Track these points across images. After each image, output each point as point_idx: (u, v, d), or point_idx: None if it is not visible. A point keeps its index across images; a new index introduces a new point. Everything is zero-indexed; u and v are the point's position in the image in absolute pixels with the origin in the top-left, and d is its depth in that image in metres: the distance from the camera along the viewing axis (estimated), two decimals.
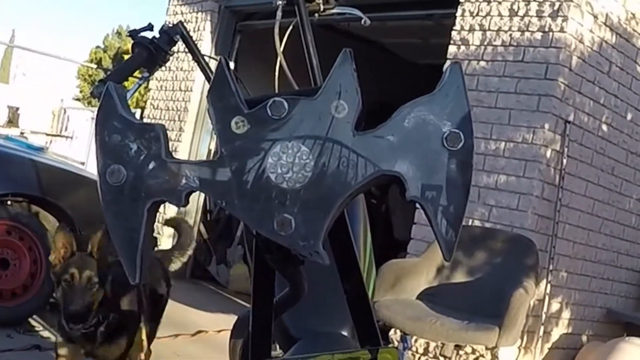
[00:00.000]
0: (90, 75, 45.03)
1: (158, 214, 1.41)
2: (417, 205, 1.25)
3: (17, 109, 19.63)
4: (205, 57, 2.60)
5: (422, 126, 1.25)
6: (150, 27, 2.69)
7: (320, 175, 1.22)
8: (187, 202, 1.28)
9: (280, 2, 2.33)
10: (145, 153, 1.26)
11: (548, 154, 5.92)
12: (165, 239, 8.42)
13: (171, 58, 2.63)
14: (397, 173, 1.24)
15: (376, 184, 1.29)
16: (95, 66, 39.58)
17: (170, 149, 1.28)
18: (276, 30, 2.28)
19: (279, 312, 1.61)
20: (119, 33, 47.32)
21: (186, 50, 2.64)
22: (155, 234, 8.34)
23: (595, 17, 6.21)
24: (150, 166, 1.25)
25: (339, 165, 1.23)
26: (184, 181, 1.25)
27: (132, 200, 1.26)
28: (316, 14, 2.41)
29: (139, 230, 1.26)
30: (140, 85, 2.61)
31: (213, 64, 1.66)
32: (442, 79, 1.30)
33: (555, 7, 5.99)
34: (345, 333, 1.88)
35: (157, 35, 2.55)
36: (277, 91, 2.27)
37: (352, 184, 1.23)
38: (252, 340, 1.52)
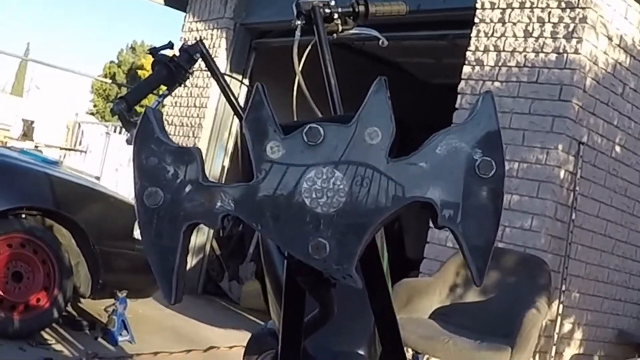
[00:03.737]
0: (104, 90, 45.22)
1: None
2: (449, 231, 1.27)
3: (32, 122, 19.71)
4: (224, 76, 2.61)
5: (454, 154, 1.27)
6: (170, 45, 2.72)
7: (354, 201, 1.24)
8: (223, 225, 1.31)
9: (299, 22, 2.34)
10: (182, 176, 1.28)
11: (561, 174, 5.93)
12: None
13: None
14: (430, 200, 1.26)
15: (408, 209, 1.31)
16: (109, 81, 39.74)
17: None
18: (295, 50, 2.29)
19: (309, 332, 1.62)
20: (133, 48, 47.52)
21: (204, 68, 2.65)
22: None
23: (610, 38, 6.22)
24: (187, 189, 1.28)
25: (373, 191, 1.25)
26: (219, 204, 1.27)
27: (169, 222, 1.28)
28: (334, 34, 2.42)
29: (175, 251, 1.28)
30: (159, 102, 2.62)
31: (232, 84, 1.68)
32: (474, 108, 1.32)
33: (570, 29, 6.01)
34: (362, 352, 1.89)
35: (177, 54, 2.56)
36: (295, 111, 2.29)
37: (385, 210, 1.26)
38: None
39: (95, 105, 46.01)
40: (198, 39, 2.70)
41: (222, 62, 9.33)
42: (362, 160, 1.26)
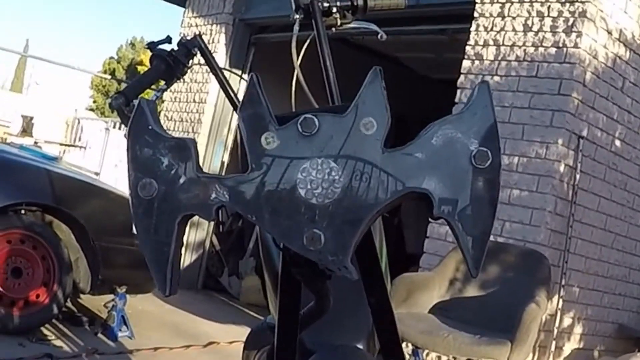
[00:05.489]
0: (104, 86, 45.20)
1: None
2: (445, 222, 1.27)
3: (32, 118, 19.67)
4: (223, 71, 2.61)
5: (450, 144, 1.27)
6: (168, 40, 2.71)
7: (350, 192, 1.24)
8: (217, 217, 1.31)
9: (297, 17, 2.33)
10: (176, 167, 1.28)
11: (561, 169, 5.92)
12: None
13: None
14: (425, 190, 1.26)
15: (406, 202, 1.31)
16: (109, 77, 39.75)
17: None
18: (293, 44, 2.29)
19: (305, 325, 1.62)
20: (132, 44, 47.50)
21: (203, 62, 2.65)
22: None
23: (610, 32, 6.22)
24: (181, 180, 1.28)
25: (368, 181, 1.24)
26: (214, 195, 1.27)
27: (163, 213, 1.28)
28: (333, 28, 2.41)
29: (170, 243, 1.28)
30: (158, 97, 2.62)
31: (232, 79, 1.67)
32: (470, 98, 1.32)
33: (570, 23, 6.00)
34: (360, 346, 1.89)
35: (175, 48, 2.56)
36: (294, 105, 2.28)
37: (380, 201, 1.25)
38: (277, 353, 1.53)
39: (94, 101, 46.00)
40: (197, 34, 2.69)
41: (221, 57, 9.32)
42: (358, 150, 1.26)
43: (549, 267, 5.29)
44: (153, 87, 2.68)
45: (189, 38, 2.57)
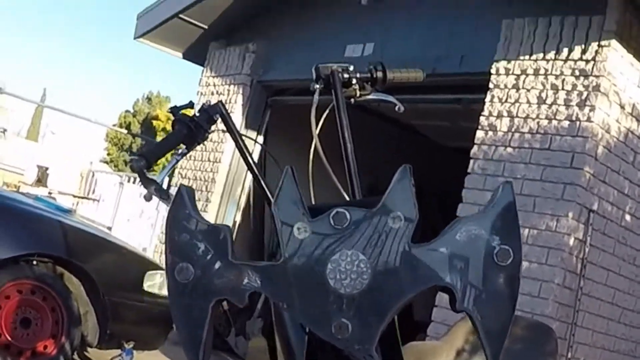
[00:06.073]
0: (119, 139, 45.36)
1: None
2: (467, 315, 1.32)
3: (47, 168, 19.81)
4: (243, 137, 2.63)
5: (474, 241, 1.32)
6: (191, 105, 2.75)
7: (377, 283, 1.29)
8: (249, 302, 1.35)
9: (317, 86, 2.36)
10: (212, 253, 1.33)
11: (571, 242, 5.94)
12: None
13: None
14: (449, 285, 1.30)
15: (428, 292, 1.36)
16: (124, 131, 39.85)
17: None
18: (313, 113, 2.32)
19: None
20: (149, 99, 47.74)
21: (223, 128, 2.67)
22: None
23: (622, 107, 6.27)
24: (217, 266, 1.33)
25: (395, 274, 1.29)
26: (246, 281, 1.32)
27: (198, 297, 1.33)
28: (352, 99, 2.45)
29: (203, 326, 1.33)
30: (178, 161, 2.66)
31: (248, 143, 1.71)
32: (493, 196, 1.37)
33: (583, 97, 6.06)
34: None
35: (197, 114, 2.59)
36: (311, 172, 2.32)
37: (406, 293, 1.30)
38: None
39: (109, 154, 46.18)
40: (215, 93, 2.75)
41: (238, 117, 9.41)
42: (386, 244, 1.30)
43: (556, 340, 5.24)
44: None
45: (210, 103, 2.60)
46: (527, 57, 6.49)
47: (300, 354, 1.56)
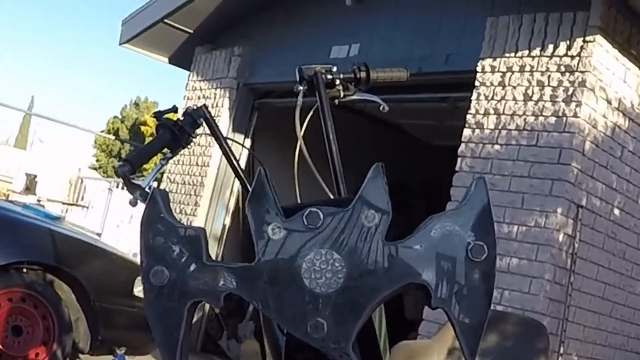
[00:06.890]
0: (107, 146, 45.28)
1: None
2: (443, 311, 1.32)
3: (35, 176, 19.78)
4: (227, 140, 2.63)
5: (448, 238, 1.32)
6: (174, 109, 2.74)
7: (352, 282, 1.29)
8: (224, 303, 1.35)
9: (301, 88, 2.36)
10: (187, 255, 1.33)
11: (560, 238, 5.95)
12: None
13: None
14: (424, 282, 1.31)
15: (403, 290, 1.36)
16: (112, 137, 39.77)
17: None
18: (297, 115, 2.32)
19: None
20: (136, 104, 47.64)
21: (208, 132, 2.67)
22: None
23: (609, 102, 6.29)
24: (192, 268, 1.33)
25: (370, 273, 1.29)
26: (222, 282, 1.32)
27: (174, 300, 1.33)
28: (336, 100, 2.45)
29: (179, 328, 1.33)
30: (162, 166, 2.66)
31: (234, 147, 1.70)
32: (467, 193, 1.37)
33: (569, 93, 6.07)
34: None
35: (181, 118, 2.59)
36: (296, 174, 2.32)
37: (381, 291, 1.30)
38: None
39: (98, 160, 46.08)
40: (201, 97, 2.75)
41: (224, 121, 9.41)
42: (360, 243, 1.30)
43: (548, 336, 5.26)
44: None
45: (194, 107, 2.59)
46: (512, 54, 6.50)
47: (278, 354, 1.57)
